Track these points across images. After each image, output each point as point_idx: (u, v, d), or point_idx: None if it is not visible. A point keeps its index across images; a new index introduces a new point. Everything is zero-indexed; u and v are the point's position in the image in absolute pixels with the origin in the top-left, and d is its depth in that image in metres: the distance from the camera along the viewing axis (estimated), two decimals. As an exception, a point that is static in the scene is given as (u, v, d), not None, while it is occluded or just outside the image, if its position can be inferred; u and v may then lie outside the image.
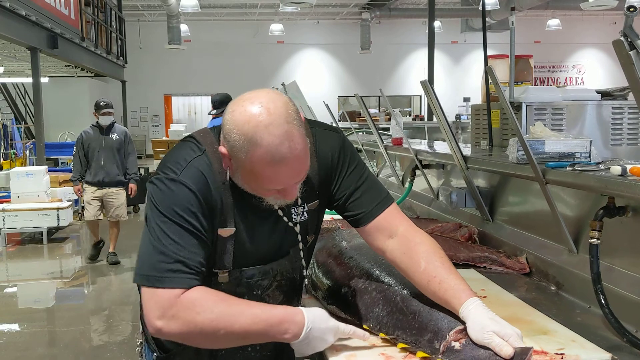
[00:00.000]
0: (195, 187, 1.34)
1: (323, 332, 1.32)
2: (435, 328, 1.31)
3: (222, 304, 1.29)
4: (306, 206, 1.51)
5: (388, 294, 1.48)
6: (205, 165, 1.38)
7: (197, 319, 1.26)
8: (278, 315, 1.31)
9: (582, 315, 1.65)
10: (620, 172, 1.51)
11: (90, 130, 6.71)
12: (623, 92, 2.87)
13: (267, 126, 1.25)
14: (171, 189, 1.34)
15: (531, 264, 2.05)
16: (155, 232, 1.32)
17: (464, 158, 2.42)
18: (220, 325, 1.27)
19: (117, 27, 15.07)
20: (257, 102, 1.28)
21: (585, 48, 21.42)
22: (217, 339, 1.29)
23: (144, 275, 1.31)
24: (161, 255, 1.30)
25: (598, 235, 1.55)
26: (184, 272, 1.29)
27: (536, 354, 1.32)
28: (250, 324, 1.28)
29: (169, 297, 1.27)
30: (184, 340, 1.32)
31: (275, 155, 1.26)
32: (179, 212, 1.32)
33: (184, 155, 1.39)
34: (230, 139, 1.30)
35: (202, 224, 1.34)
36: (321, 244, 1.90)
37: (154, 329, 1.28)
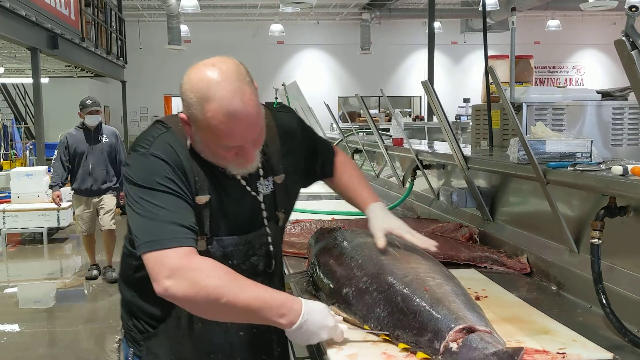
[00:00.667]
0: (165, 156, 1.41)
1: (318, 326, 1.35)
2: (435, 328, 1.31)
3: (230, 275, 1.33)
4: (271, 179, 1.58)
5: (389, 294, 1.48)
6: (173, 139, 1.45)
7: (204, 282, 1.29)
8: (279, 299, 1.35)
9: (584, 315, 1.65)
10: (621, 172, 1.51)
11: (75, 132, 5.98)
12: (623, 93, 2.87)
13: (219, 82, 1.34)
14: (145, 162, 1.41)
15: (532, 264, 2.05)
16: (142, 205, 1.37)
17: (464, 158, 2.42)
18: (225, 293, 1.29)
19: (117, 28, 15.08)
20: (209, 63, 1.38)
21: (585, 49, 21.41)
22: (218, 307, 1.31)
23: (145, 243, 1.34)
24: (156, 222, 1.35)
25: (599, 235, 1.55)
26: (182, 232, 1.34)
27: (538, 353, 1.33)
28: (252, 299, 1.31)
29: (175, 255, 1.31)
30: (188, 303, 1.34)
31: (229, 108, 1.33)
32: (158, 180, 1.38)
33: (151, 133, 1.48)
34: (187, 100, 1.38)
35: (182, 188, 1.40)
36: (322, 244, 1.90)
37: (162, 288, 1.30)
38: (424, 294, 1.42)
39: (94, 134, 5.96)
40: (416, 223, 2.71)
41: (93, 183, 5.95)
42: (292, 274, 1.93)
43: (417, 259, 1.64)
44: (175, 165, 1.42)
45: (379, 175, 4.25)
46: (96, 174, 5.93)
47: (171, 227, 1.34)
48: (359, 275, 1.61)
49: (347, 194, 1.79)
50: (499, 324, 1.49)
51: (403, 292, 1.45)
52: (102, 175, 5.97)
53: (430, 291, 1.42)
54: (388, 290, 1.49)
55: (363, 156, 4.65)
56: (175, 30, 15.71)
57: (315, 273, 1.80)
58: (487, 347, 1.22)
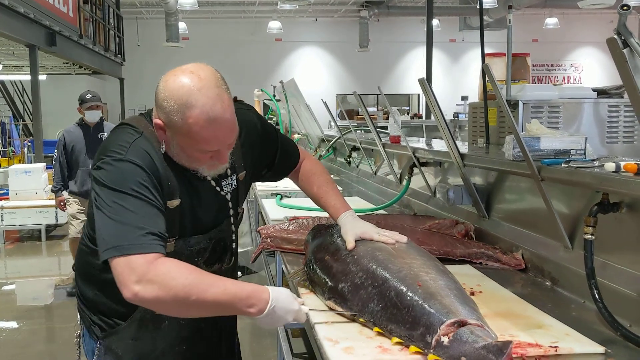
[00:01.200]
0: (142, 163, 1.44)
1: (285, 312, 1.44)
2: (428, 322, 1.33)
3: (196, 273, 1.37)
4: (235, 177, 1.69)
5: (383, 289, 1.50)
6: (147, 144, 1.49)
7: (171, 284, 1.32)
8: (247, 291, 1.40)
9: (577, 310, 1.67)
10: (614, 169, 1.53)
11: (74, 129, 5.54)
12: (619, 90, 2.89)
13: (199, 89, 1.39)
14: (121, 167, 1.43)
15: (527, 260, 2.07)
16: (114, 209, 1.38)
17: (460, 155, 2.44)
18: (193, 292, 1.33)
19: (115, 25, 15.07)
20: (187, 71, 1.43)
21: (582, 46, 21.44)
22: (188, 305, 1.35)
23: (113, 247, 1.35)
24: (126, 226, 1.36)
25: (592, 231, 1.57)
26: (150, 238, 1.36)
27: (530, 346, 1.34)
28: (220, 294, 1.36)
29: (143, 262, 1.33)
30: (158, 305, 1.38)
31: (210, 114, 1.39)
32: (132, 187, 1.40)
33: (125, 138, 1.49)
34: (165, 107, 1.42)
35: (155, 195, 1.43)
36: (319, 241, 1.92)
37: (131, 294, 1.32)
38: (417, 288, 1.43)
39: (93, 132, 5.51)
40: (413, 220, 2.73)
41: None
42: (292, 273, 1.95)
43: (412, 255, 1.66)
44: (151, 172, 1.45)
45: (376, 172, 4.26)
46: None
47: (140, 232, 1.36)
48: (354, 270, 1.62)
49: (319, 202, 1.91)
50: (493, 318, 1.51)
51: (397, 287, 1.47)
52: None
53: (423, 286, 1.44)
54: (382, 285, 1.51)
55: (361, 154, 4.66)
56: (174, 28, 15.70)
57: (311, 269, 1.82)
58: (477, 340, 1.24)
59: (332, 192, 1.90)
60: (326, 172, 1.99)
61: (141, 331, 1.62)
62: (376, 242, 1.73)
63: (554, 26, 18.68)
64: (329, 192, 1.90)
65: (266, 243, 2.37)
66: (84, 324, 1.73)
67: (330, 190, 1.91)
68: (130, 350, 1.64)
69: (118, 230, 1.36)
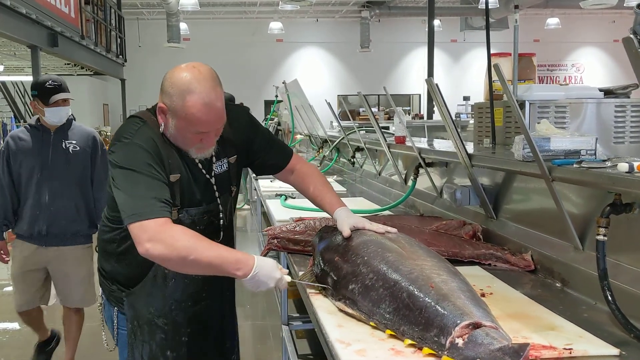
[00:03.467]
0: (146, 145, 1.76)
1: (267, 277, 1.69)
2: (441, 324, 1.32)
3: (196, 238, 1.66)
4: (226, 159, 1.98)
5: (394, 290, 1.49)
6: (150, 130, 1.81)
7: (175, 244, 1.62)
8: (236, 256, 1.69)
9: (589, 311, 1.66)
10: (627, 169, 1.51)
11: (25, 134, 3.43)
12: (626, 90, 2.88)
13: (198, 80, 1.73)
14: (129, 150, 1.76)
15: (536, 261, 2.06)
16: (126, 185, 1.72)
17: (468, 156, 2.43)
18: (192, 253, 1.62)
19: (116, 26, 15.06)
20: (190, 66, 1.77)
21: (584, 47, 21.42)
22: (187, 263, 1.64)
23: (129, 216, 1.67)
24: (137, 198, 1.68)
25: (605, 232, 1.56)
26: (158, 205, 1.67)
27: (545, 349, 1.33)
28: (213, 257, 1.65)
29: (153, 225, 1.64)
30: (163, 261, 1.67)
31: (206, 99, 1.72)
32: (140, 165, 1.72)
33: (132, 127, 1.82)
34: (170, 92, 1.74)
35: (159, 171, 1.74)
36: (327, 242, 1.91)
37: (143, 249, 1.63)
38: (429, 290, 1.42)
39: (56, 139, 3.42)
40: (420, 221, 2.72)
41: (50, 224, 3.42)
42: (301, 275, 1.94)
43: (422, 256, 1.65)
44: (154, 153, 1.76)
45: (380, 173, 4.25)
46: (57, 207, 3.42)
47: (150, 201, 1.67)
48: (364, 271, 1.61)
49: (315, 201, 2.08)
50: (504, 320, 1.49)
51: (409, 289, 1.46)
52: (67, 210, 3.45)
53: (435, 287, 1.43)
54: (394, 286, 1.50)
55: (364, 154, 4.65)
56: (175, 28, 15.69)
57: (320, 270, 1.81)
58: (492, 342, 1.23)
59: (327, 192, 2.06)
60: (322, 175, 2.18)
61: (153, 289, 1.94)
62: (386, 243, 1.73)
63: (555, 26, 18.66)
64: (324, 191, 2.06)
65: (273, 244, 2.36)
66: (104, 294, 2.08)
67: (326, 190, 2.07)
68: (145, 305, 1.96)
69: (133, 201, 1.68)
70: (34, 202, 3.41)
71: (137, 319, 1.98)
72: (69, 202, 3.45)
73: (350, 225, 1.85)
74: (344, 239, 1.84)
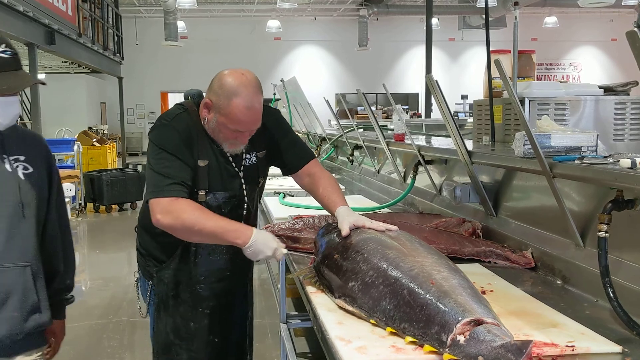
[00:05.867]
0: (179, 128, 2.00)
1: (264, 246, 1.88)
2: (443, 321, 1.31)
3: (200, 211, 1.92)
4: (255, 154, 2.16)
5: (395, 287, 1.48)
6: (187, 117, 2.05)
7: (182, 216, 1.88)
8: (235, 227, 1.93)
9: (590, 308, 1.65)
10: (630, 165, 1.50)
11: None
12: (626, 88, 2.87)
13: (245, 85, 1.95)
14: (165, 131, 2.01)
15: (537, 259, 2.05)
16: (156, 161, 1.95)
17: (468, 153, 2.42)
18: (196, 223, 1.89)
19: (113, 24, 15.00)
20: (238, 72, 1.99)
21: (582, 45, 21.44)
22: (193, 232, 1.92)
23: (150, 192, 1.93)
24: (159, 176, 1.93)
25: (606, 229, 1.55)
26: (175, 187, 1.91)
27: (547, 346, 1.32)
28: (215, 226, 1.90)
29: (166, 201, 1.90)
30: (173, 230, 1.92)
31: (249, 103, 1.94)
32: (170, 145, 1.96)
33: (174, 111, 2.08)
34: (217, 91, 1.96)
35: (185, 154, 1.97)
36: (328, 239, 1.90)
37: (155, 220, 1.90)
38: (430, 287, 1.41)
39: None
40: (419, 218, 2.70)
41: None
42: (298, 272, 1.93)
43: (422, 253, 1.64)
44: (185, 137, 1.99)
45: (379, 171, 4.24)
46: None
47: (169, 181, 1.91)
48: (365, 269, 1.60)
49: (323, 202, 2.17)
50: (506, 317, 1.48)
51: (409, 286, 1.45)
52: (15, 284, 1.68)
53: (436, 284, 1.42)
54: (394, 283, 1.49)
55: (363, 152, 4.64)
56: (172, 27, 15.66)
57: (321, 267, 1.80)
58: (494, 339, 1.21)
59: (333, 192, 2.14)
60: (334, 180, 2.26)
61: (181, 264, 2.17)
62: (386, 240, 1.72)
63: (553, 25, 18.67)
64: (330, 192, 2.15)
65: (271, 241, 2.34)
66: (140, 269, 2.30)
67: (333, 190, 2.16)
68: (173, 278, 2.19)
69: (155, 178, 1.93)
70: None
71: (165, 293, 2.20)
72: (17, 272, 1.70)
73: (350, 223, 1.88)
74: (344, 237, 1.83)
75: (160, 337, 2.24)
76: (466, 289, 1.43)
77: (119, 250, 6.93)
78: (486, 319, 1.28)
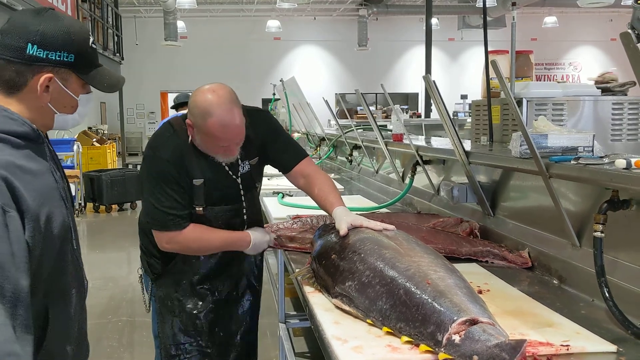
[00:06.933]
0: (168, 156, 2.04)
1: (261, 243, 2.22)
2: (438, 320, 1.31)
3: (202, 235, 2.10)
4: (248, 162, 2.21)
5: (391, 287, 1.48)
6: (176, 139, 2.09)
7: (189, 245, 2.11)
8: (236, 236, 2.17)
9: (586, 308, 1.65)
10: (625, 166, 1.51)
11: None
12: (623, 88, 2.87)
13: (218, 103, 1.95)
14: (154, 164, 2.08)
15: (533, 258, 2.05)
16: (151, 196, 2.06)
17: (466, 153, 2.42)
18: (202, 247, 2.14)
19: (113, 24, 15.01)
20: (210, 89, 1.99)
21: (581, 45, 21.45)
22: (200, 252, 2.19)
23: (152, 222, 2.10)
24: (159, 210, 2.05)
25: (602, 229, 1.56)
26: (174, 220, 2.05)
27: (542, 345, 1.33)
28: (221, 244, 2.15)
29: (172, 235, 2.07)
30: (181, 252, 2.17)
31: (222, 121, 1.95)
32: (164, 179, 2.04)
33: (162, 136, 2.13)
34: (194, 111, 2.00)
35: (179, 182, 2.05)
36: (325, 240, 1.91)
37: (162, 247, 2.11)
38: (426, 286, 1.42)
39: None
40: (417, 218, 2.71)
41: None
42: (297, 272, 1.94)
43: (419, 253, 1.65)
44: (177, 163, 2.04)
45: (378, 171, 4.25)
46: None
47: (169, 217, 2.05)
48: (361, 269, 1.61)
49: (319, 202, 2.20)
50: (502, 317, 1.49)
51: (406, 285, 1.45)
52: None
53: (432, 284, 1.43)
54: (391, 283, 1.49)
55: (362, 152, 4.65)
56: (172, 27, 15.67)
57: (318, 267, 1.80)
58: (489, 339, 1.22)
59: (330, 192, 2.17)
60: (330, 179, 2.30)
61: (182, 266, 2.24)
62: (383, 240, 1.73)
63: (552, 25, 18.68)
64: (327, 192, 2.18)
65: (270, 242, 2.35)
66: (143, 266, 2.37)
67: (330, 190, 2.19)
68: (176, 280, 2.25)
69: (154, 211, 2.06)
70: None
71: (168, 295, 2.28)
72: None
73: (348, 223, 1.89)
74: (341, 237, 1.83)
75: (167, 339, 2.27)
76: (462, 288, 1.44)
77: (118, 250, 6.92)
78: (481, 319, 1.29)
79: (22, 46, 1.27)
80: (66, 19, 1.33)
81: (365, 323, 1.50)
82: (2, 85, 1.28)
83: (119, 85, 1.44)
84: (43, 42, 1.27)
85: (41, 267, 1.23)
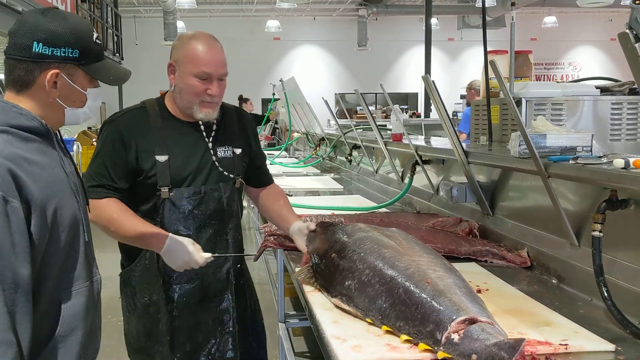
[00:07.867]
0: (123, 126, 1.99)
1: (178, 254, 1.88)
2: (437, 319, 1.32)
3: (121, 213, 1.93)
4: (231, 148, 2.11)
5: (391, 286, 1.49)
6: (142, 112, 2.03)
7: (101, 215, 1.90)
8: (150, 232, 1.91)
9: (585, 307, 1.66)
10: (623, 165, 1.52)
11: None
12: (622, 88, 2.88)
13: (201, 33, 2.00)
14: (108, 129, 2.00)
15: (532, 258, 2.06)
16: (93, 158, 1.99)
17: (465, 153, 2.43)
18: (112, 225, 1.92)
19: (113, 24, 15.01)
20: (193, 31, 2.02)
21: (581, 45, 21.43)
22: (110, 233, 1.94)
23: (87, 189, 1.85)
24: (88, 174, 1.96)
25: (600, 228, 1.56)
26: (97, 188, 1.94)
27: (540, 344, 1.34)
28: (130, 231, 1.91)
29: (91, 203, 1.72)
30: (95, 225, 1.85)
31: (207, 43, 1.96)
32: (105, 146, 1.98)
33: (128, 109, 2.09)
34: (176, 45, 2.01)
35: (120, 154, 1.96)
36: (324, 238, 1.91)
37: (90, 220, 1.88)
38: (425, 286, 1.43)
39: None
40: (416, 217, 2.72)
41: None
42: (297, 272, 1.94)
43: (418, 252, 1.66)
44: (129, 134, 1.97)
45: (377, 170, 4.25)
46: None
47: (93, 182, 1.94)
48: (361, 268, 1.61)
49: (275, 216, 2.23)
50: (501, 316, 1.50)
51: (405, 284, 1.46)
52: None
53: (432, 283, 1.43)
54: (390, 282, 1.50)
55: (361, 152, 4.65)
56: (172, 27, 15.66)
57: (317, 266, 1.81)
58: (488, 338, 1.23)
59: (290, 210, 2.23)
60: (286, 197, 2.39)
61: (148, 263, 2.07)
62: (382, 239, 1.73)
63: (552, 25, 18.67)
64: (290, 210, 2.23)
65: (269, 241, 2.36)
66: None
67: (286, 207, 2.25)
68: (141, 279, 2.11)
69: (89, 178, 1.94)
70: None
71: (133, 295, 2.14)
72: None
73: (302, 232, 2.02)
74: (340, 235, 1.84)
75: (132, 338, 2.18)
76: (461, 288, 1.45)
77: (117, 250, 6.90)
78: (480, 318, 1.29)
79: (28, 45, 1.33)
80: (70, 16, 1.39)
81: (364, 322, 1.50)
82: (13, 83, 1.35)
83: (125, 78, 1.51)
84: (48, 40, 1.33)
85: (50, 258, 1.27)
